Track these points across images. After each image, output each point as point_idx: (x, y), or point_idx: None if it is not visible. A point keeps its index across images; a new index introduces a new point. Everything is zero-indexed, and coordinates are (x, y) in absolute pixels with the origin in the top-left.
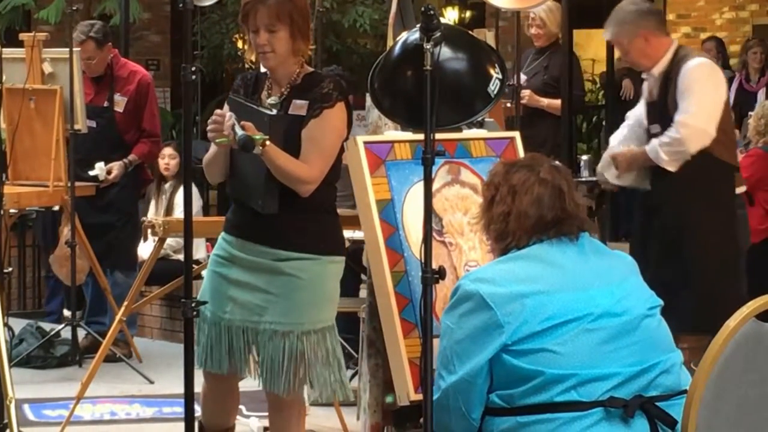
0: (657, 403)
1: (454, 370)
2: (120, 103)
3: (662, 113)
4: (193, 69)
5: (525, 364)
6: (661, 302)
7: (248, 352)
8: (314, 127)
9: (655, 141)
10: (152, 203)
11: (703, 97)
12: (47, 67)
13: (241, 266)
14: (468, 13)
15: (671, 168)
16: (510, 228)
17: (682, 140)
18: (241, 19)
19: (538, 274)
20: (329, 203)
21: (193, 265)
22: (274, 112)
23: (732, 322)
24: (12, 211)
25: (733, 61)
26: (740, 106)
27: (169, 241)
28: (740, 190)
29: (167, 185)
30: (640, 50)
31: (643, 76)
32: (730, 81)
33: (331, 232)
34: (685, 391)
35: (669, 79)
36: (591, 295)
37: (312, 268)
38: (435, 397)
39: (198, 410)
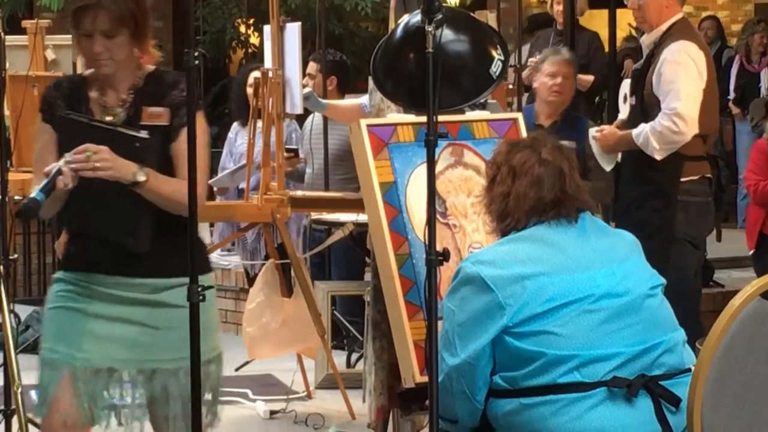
0: (660, 382)
1: (456, 353)
2: None
3: (638, 84)
4: (196, 54)
5: (527, 345)
6: (664, 281)
7: (104, 396)
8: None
9: (645, 127)
10: None
11: (690, 84)
12: (50, 54)
13: (104, 300)
14: None
15: (658, 156)
16: (509, 208)
17: (681, 132)
18: (73, 22)
19: (538, 256)
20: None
21: None
22: (144, 134)
23: (737, 300)
24: (16, 198)
25: (732, 40)
26: (742, 87)
27: None
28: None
29: None
30: (657, 5)
31: (641, 40)
32: (730, 61)
33: (199, 248)
34: (688, 370)
35: (654, 54)
36: (592, 275)
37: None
38: (438, 379)
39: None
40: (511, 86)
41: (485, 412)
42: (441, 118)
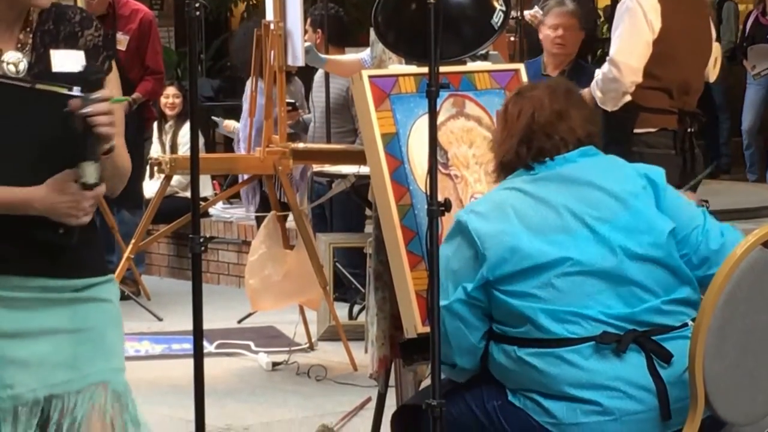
0: (653, 338)
1: (448, 296)
2: (123, 41)
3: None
4: (197, 4)
5: (516, 303)
6: (669, 227)
7: None
8: (111, 90)
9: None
10: (155, 142)
11: (631, 31)
12: None
13: (13, 309)
14: None
15: (609, 107)
16: (536, 126)
17: (614, 78)
18: None
19: (525, 212)
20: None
21: (200, 202)
22: (77, 90)
23: (738, 249)
24: None
25: None
26: (753, 38)
27: (173, 181)
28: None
29: (168, 125)
30: None
31: None
32: (747, 15)
33: (99, 248)
34: (683, 326)
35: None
36: (580, 236)
37: (114, 290)
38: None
39: (207, 346)
40: (512, 39)
41: (486, 358)
42: (442, 68)
